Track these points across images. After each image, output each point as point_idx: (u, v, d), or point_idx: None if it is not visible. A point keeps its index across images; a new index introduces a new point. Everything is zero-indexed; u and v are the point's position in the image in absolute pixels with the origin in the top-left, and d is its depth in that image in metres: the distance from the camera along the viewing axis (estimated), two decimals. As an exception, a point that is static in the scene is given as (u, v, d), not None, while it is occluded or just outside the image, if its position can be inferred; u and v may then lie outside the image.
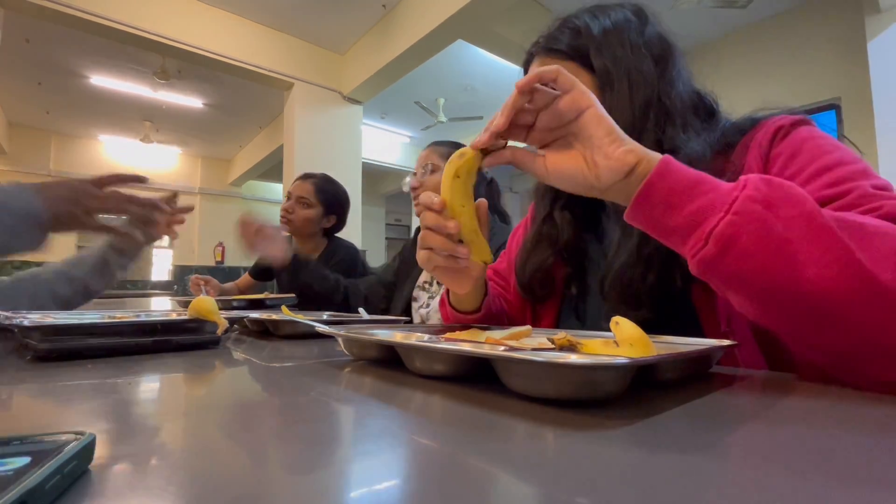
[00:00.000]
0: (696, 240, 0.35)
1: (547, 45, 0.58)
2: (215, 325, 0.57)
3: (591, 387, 0.28)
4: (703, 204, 0.35)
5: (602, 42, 0.55)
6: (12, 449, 0.17)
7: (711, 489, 0.17)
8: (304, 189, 1.56)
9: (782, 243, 0.32)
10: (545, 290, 0.63)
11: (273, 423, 0.27)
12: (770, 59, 3.85)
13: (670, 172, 0.36)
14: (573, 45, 0.56)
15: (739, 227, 0.32)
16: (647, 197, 0.37)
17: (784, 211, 0.32)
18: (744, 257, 0.33)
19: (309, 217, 1.55)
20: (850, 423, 0.26)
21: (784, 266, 0.32)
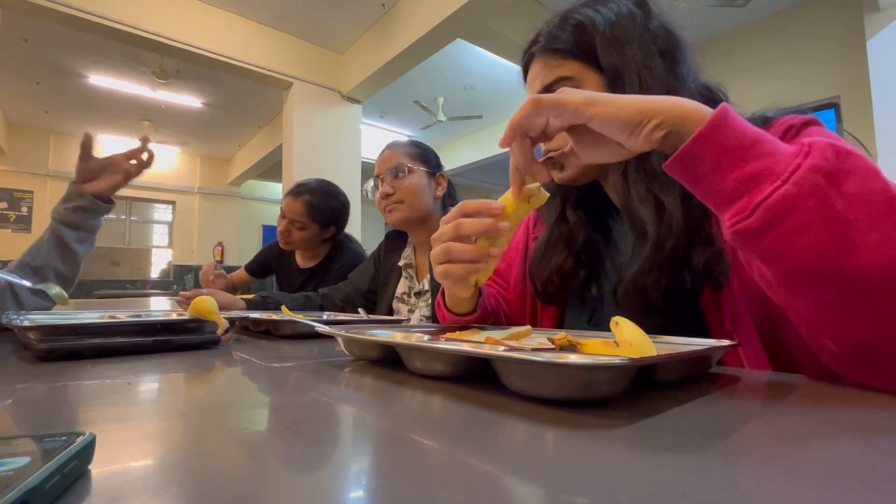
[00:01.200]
0: (739, 208, 0.31)
1: (549, 45, 0.56)
2: (215, 325, 0.57)
3: (591, 387, 0.28)
4: (757, 169, 0.30)
5: (609, 38, 0.52)
6: (12, 449, 0.17)
7: (711, 489, 0.17)
8: (294, 211, 1.46)
9: (842, 224, 0.28)
10: (562, 293, 0.61)
11: (273, 423, 0.27)
12: (769, 58, 3.85)
13: (726, 126, 0.32)
14: (578, 43, 0.54)
15: (795, 200, 0.29)
16: (692, 154, 0.33)
17: (849, 186, 0.29)
18: (791, 234, 0.29)
19: (305, 238, 1.48)
20: (851, 423, 0.26)
21: (838, 248, 0.29)
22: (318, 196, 1.48)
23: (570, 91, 0.38)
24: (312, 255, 1.58)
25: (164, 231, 7.57)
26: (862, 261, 0.29)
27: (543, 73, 0.56)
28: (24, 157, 6.14)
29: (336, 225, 1.53)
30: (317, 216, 1.46)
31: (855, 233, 0.29)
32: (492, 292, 0.71)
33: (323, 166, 4.22)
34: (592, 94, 0.37)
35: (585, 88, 0.52)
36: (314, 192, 1.48)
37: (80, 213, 0.90)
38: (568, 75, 0.54)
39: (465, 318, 0.60)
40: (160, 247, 7.51)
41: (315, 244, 1.53)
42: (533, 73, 0.58)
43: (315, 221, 1.47)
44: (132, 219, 7.31)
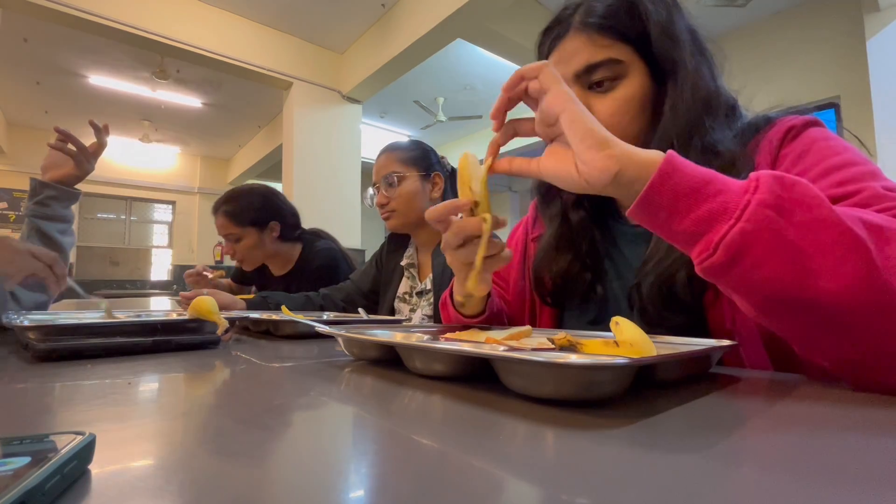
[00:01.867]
0: (703, 246, 0.33)
1: (599, 20, 0.50)
2: (215, 325, 0.57)
3: (591, 387, 0.28)
4: (711, 208, 0.32)
5: (662, 29, 0.50)
6: (12, 449, 0.17)
7: (711, 489, 0.17)
8: (221, 226, 1.40)
9: (796, 253, 0.30)
10: (566, 296, 0.61)
11: (273, 423, 0.27)
12: (769, 58, 3.85)
13: (675, 173, 0.34)
14: (632, 25, 0.50)
15: (751, 235, 0.30)
16: (649, 202, 0.34)
17: (798, 216, 0.30)
18: (754, 267, 0.31)
19: (251, 245, 1.40)
20: (851, 423, 0.26)
21: (796, 276, 0.30)
22: (232, 203, 1.41)
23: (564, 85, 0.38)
24: (281, 261, 1.51)
25: (163, 231, 7.57)
26: (822, 287, 0.30)
27: (590, 51, 0.51)
28: (23, 157, 6.14)
29: (275, 219, 1.43)
30: (242, 220, 1.39)
31: (810, 261, 0.30)
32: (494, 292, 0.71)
33: (323, 166, 4.23)
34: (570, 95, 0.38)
35: (633, 79, 0.51)
36: (227, 201, 1.42)
37: (54, 203, 0.90)
38: (619, 58, 0.51)
39: (475, 320, 0.59)
40: (160, 247, 7.51)
41: (266, 250, 1.44)
42: (571, 48, 0.52)
43: (245, 226, 1.39)
44: (132, 219, 7.31)
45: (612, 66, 0.51)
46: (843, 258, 0.30)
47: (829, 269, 0.30)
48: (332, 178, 4.29)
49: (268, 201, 1.45)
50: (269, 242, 1.43)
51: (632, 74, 0.51)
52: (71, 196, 0.93)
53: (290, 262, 1.50)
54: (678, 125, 0.49)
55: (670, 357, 0.31)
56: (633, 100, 0.51)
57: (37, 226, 0.88)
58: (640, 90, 0.51)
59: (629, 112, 0.51)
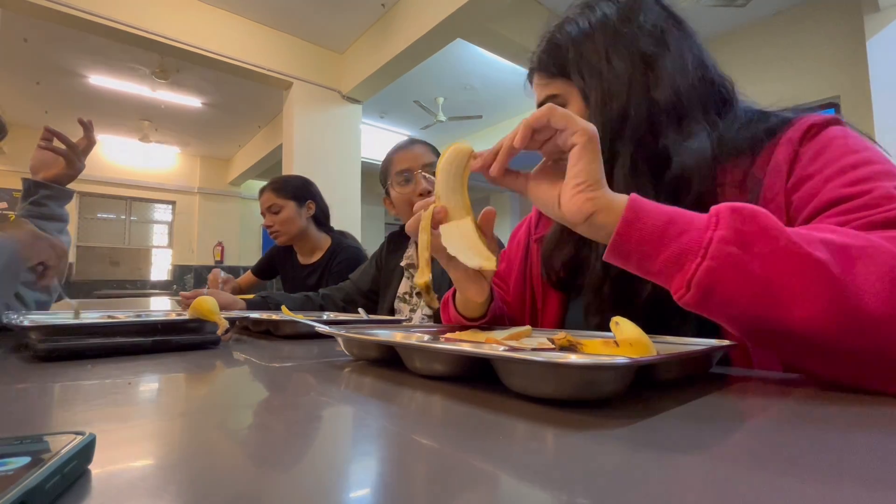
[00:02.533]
0: (677, 285, 0.34)
1: (537, 65, 0.59)
2: (215, 325, 0.57)
3: (591, 387, 0.28)
4: (676, 250, 0.34)
5: (577, 52, 0.54)
6: (12, 449, 0.17)
7: (711, 489, 0.17)
8: (266, 200, 1.57)
9: (764, 284, 0.31)
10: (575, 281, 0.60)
11: (273, 423, 0.27)
12: (769, 58, 3.85)
13: (637, 220, 0.35)
14: (556, 63, 0.56)
15: (717, 273, 0.32)
16: (619, 249, 0.37)
17: (759, 247, 0.31)
18: (726, 301, 0.32)
19: (287, 217, 1.55)
20: (851, 423, 0.26)
21: (768, 306, 0.31)
22: (276, 182, 1.60)
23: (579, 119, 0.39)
24: (310, 248, 1.61)
25: (163, 231, 7.57)
26: (794, 316, 0.30)
27: (538, 90, 0.59)
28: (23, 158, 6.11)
29: (311, 199, 1.60)
30: (285, 192, 1.56)
31: (779, 291, 0.31)
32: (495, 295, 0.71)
33: (323, 166, 4.22)
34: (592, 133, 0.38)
35: (571, 105, 0.56)
36: (273, 181, 1.60)
37: (51, 203, 0.90)
38: (554, 93, 0.57)
39: (476, 323, 0.59)
40: (160, 247, 7.50)
41: (301, 225, 1.57)
42: (536, 90, 0.60)
43: (287, 198, 1.55)
44: (132, 219, 7.31)
45: (552, 100, 0.56)
46: (807, 286, 0.30)
47: (797, 297, 0.30)
48: (332, 177, 4.29)
49: (308, 184, 1.66)
50: (304, 218, 1.58)
51: (571, 102, 0.56)
52: (66, 195, 0.93)
53: (319, 251, 1.61)
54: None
55: (670, 357, 0.31)
56: None
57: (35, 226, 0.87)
58: (579, 113, 0.54)
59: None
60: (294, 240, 1.59)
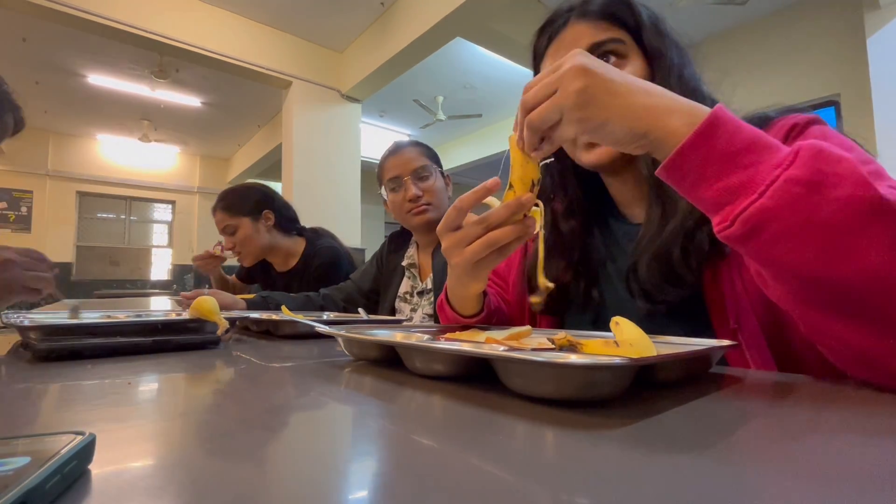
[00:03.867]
0: (722, 217, 0.32)
1: (598, 8, 0.54)
2: (215, 325, 0.57)
3: (591, 387, 0.28)
4: (738, 180, 0.31)
5: (651, 26, 0.54)
6: (12, 449, 0.17)
7: (711, 489, 0.17)
8: (219, 220, 1.46)
9: (823, 230, 0.29)
10: (560, 306, 0.61)
11: (273, 423, 0.27)
12: (769, 56, 3.84)
13: (713, 135, 0.32)
14: (627, 15, 0.54)
15: (771, 212, 0.29)
16: (677, 166, 0.34)
17: (834, 192, 0.29)
18: (772, 242, 0.30)
19: (245, 236, 1.44)
20: (851, 423, 0.26)
21: (821, 254, 0.29)
22: (226, 199, 1.48)
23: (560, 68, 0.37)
24: (283, 255, 1.53)
25: (163, 231, 7.57)
26: (853, 266, 0.29)
27: (592, 33, 0.54)
28: (23, 157, 6.13)
29: (267, 207, 1.48)
30: (236, 210, 1.45)
31: (841, 239, 0.29)
32: (492, 292, 0.71)
33: (322, 165, 4.22)
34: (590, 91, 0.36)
35: (634, 61, 0.54)
36: (222, 197, 1.49)
37: None
38: (621, 38, 0.54)
39: (472, 320, 0.59)
40: (160, 246, 7.50)
41: (263, 241, 1.47)
42: (572, 35, 0.55)
43: (239, 215, 1.45)
44: (132, 218, 7.31)
45: (616, 45, 0.54)
46: (877, 238, 0.28)
47: (862, 248, 0.28)
48: (332, 177, 4.29)
49: (258, 193, 1.51)
50: (264, 232, 1.47)
51: (632, 57, 0.54)
52: None
53: (293, 258, 1.52)
54: None
55: (670, 357, 0.31)
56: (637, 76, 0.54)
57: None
58: (640, 71, 0.53)
59: None
60: (261, 256, 1.51)
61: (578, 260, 0.60)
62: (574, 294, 0.60)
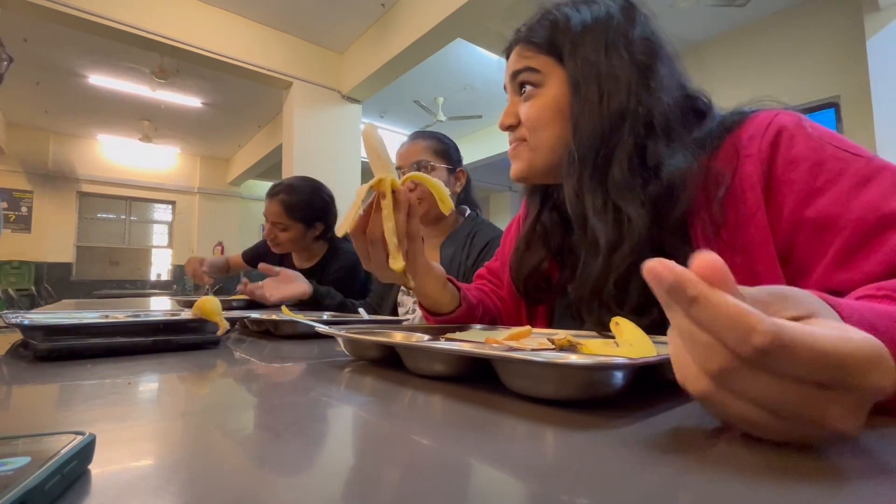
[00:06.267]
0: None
1: (525, 36, 0.57)
2: (216, 325, 0.58)
3: (591, 387, 0.28)
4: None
5: (577, 40, 0.52)
6: (12, 449, 0.17)
7: (711, 489, 0.17)
8: (272, 213, 1.42)
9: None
10: (541, 294, 0.63)
11: (273, 423, 0.27)
12: (769, 58, 3.84)
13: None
14: (549, 40, 0.54)
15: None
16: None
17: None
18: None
19: (292, 238, 1.44)
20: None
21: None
22: (293, 194, 1.43)
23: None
24: (307, 255, 1.54)
25: (163, 231, 7.57)
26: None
27: (515, 61, 0.57)
28: (23, 157, 6.14)
29: (322, 221, 1.47)
30: (295, 214, 1.42)
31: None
32: (479, 285, 0.73)
33: (322, 166, 4.22)
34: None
35: (549, 86, 0.54)
36: (289, 190, 1.44)
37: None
38: (536, 67, 0.55)
39: (451, 317, 0.60)
40: (160, 247, 7.50)
41: (305, 244, 1.48)
42: (509, 61, 0.59)
43: (296, 220, 1.42)
44: (132, 219, 7.31)
45: (530, 73, 0.55)
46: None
47: None
48: (332, 177, 4.25)
49: (325, 205, 1.49)
50: (308, 239, 1.47)
51: (549, 83, 0.54)
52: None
53: (315, 258, 1.54)
54: (584, 136, 0.50)
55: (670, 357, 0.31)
56: (545, 107, 0.54)
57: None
58: (553, 98, 0.54)
59: (543, 117, 0.54)
60: (291, 251, 1.54)
61: (559, 250, 0.61)
62: (555, 284, 0.62)
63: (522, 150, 0.57)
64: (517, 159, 0.58)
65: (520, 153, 0.57)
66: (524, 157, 0.57)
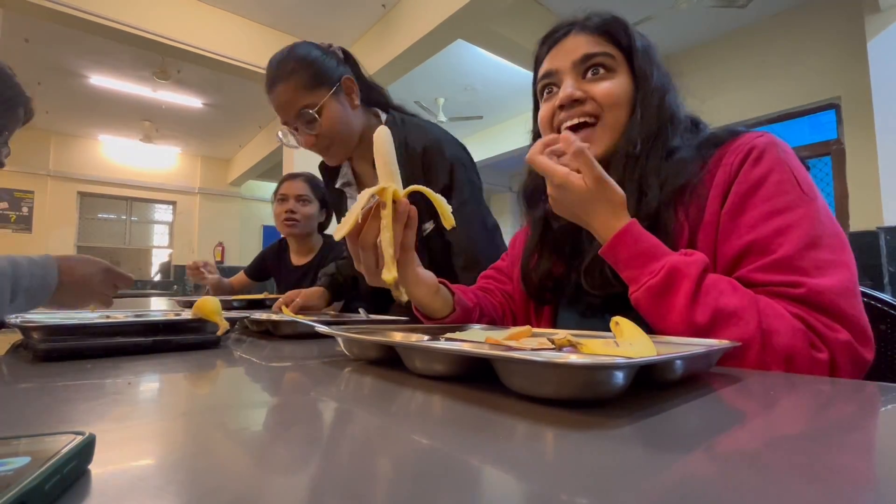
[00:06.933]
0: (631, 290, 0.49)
1: (599, 26, 0.60)
2: (216, 325, 0.58)
3: (591, 387, 0.28)
4: (630, 276, 0.49)
5: (641, 51, 0.59)
6: (12, 449, 0.17)
7: (711, 489, 0.17)
8: (299, 187, 1.55)
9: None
10: (549, 293, 0.65)
11: (273, 423, 0.27)
12: (770, 59, 3.84)
13: (620, 244, 0.49)
14: (623, 37, 0.60)
15: (638, 302, 0.48)
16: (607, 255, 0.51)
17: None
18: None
19: (311, 213, 1.56)
20: (851, 423, 0.26)
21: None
22: (312, 177, 1.60)
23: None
24: (306, 249, 1.62)
25: (164, 231, 7.57)
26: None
27: (589, 45, 0.60)
28: (24, 157, 6.15)
29: (327, 209, 1.62)
30: (317, 192, 1.58)
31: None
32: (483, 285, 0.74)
33: (323, 167, 4.22)
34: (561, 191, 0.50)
35: (621, 76, 0.59)
36: (308, 175, 1.60)
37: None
38: (612, 54, 0.59)
39: (445, 322, 0.60)
40: (160, 247, 7.51)
41: (314, 226, 1.60)
42: (572, 44, 0.61)
43: (316, 197, 1.57)
44: (132, 219, 7.32)
45: (607, 58, 0.59)
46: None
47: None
48: (333, 178, 4.28)
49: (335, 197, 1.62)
50: (315, 220, 1.60)
51: (620, 72, 0.60)
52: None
53: (312, 252, 1.62)
54: (644, 128, 0.57)
55: (670, 357, 0.31)
56: (621, 90, 0.58)
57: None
58: (625, 86, 0.59)
59: (618, 99, 0.58)
60: (301, 236, 1.60)
61: (570, 254, 0.63)
62: (566, 286, 0.63)
63: (599, 133, 0.59)
64: (595, 143, 0.58)
65: (597, 136, 0.59)
66: (603, 139, 0.58)
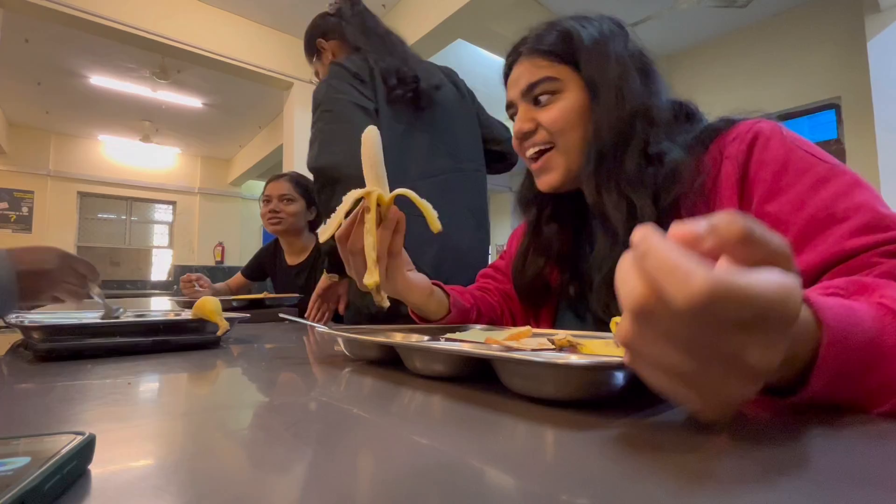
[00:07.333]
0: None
1: (537, 46, 0.58)
2: (216, 325, 0.58)
3: (591, 387, 0.28)
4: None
5: (591, 51, 0.56)
6: (12, 449, 0.17)
7: (711, 490, 0.17)
8: (282, 187, 1.55)
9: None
10: (544, 298, 0.65)
11: (273, 424, 0.27)
12: (770, 59, 3.84)
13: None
14: (565, 48, 0.57)
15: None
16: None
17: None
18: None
19: (295, 212, 1.55)
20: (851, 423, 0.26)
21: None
22: (297, 176, 1.60)
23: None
24: (298, 248, 1.62)
25: (164, 231, 7.57)
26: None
27: (530, 72, 0.58)
28: (24, 158, 6.14)
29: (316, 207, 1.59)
30: (301, 190, 1.56)
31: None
32: (482, 284, 0.74)
33: (323, 167, 4.22)
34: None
35: (568, 92, 0.57)
36: (293, 174, 1.60)
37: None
38: (554, 76, 0.57)
39: (440, 323, 0.60)
40: (160, 247, 7.50)
41: (302, 224, 1.58)
42: (518, 73, 0.60)
43: (301, 195, 1.56)
44: (132, 219, 7.31)
45: (549, 83, 0.57)
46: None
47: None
48: (333, 178, 4.28)
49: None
50: (303, 219, 1.58)
51: (569, 89, 0.57)
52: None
53: (305, 252, 1.62)
54: (605, 136, 0.54)
55: (670, 357, 0.31)
56: (569, 111, 0.56)
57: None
58: (575, 103, 0.56)
59: (567, 122, 0.56)
60: (288, 234, 1.59)
61: (558, 258, 0.63)
62: (555, 288, 0.64)
63: (554, 158, 0.58)
64: (550, 170, 0.58)
65: (552, 162, 0.58)
66: (559, 164, 0.58)
